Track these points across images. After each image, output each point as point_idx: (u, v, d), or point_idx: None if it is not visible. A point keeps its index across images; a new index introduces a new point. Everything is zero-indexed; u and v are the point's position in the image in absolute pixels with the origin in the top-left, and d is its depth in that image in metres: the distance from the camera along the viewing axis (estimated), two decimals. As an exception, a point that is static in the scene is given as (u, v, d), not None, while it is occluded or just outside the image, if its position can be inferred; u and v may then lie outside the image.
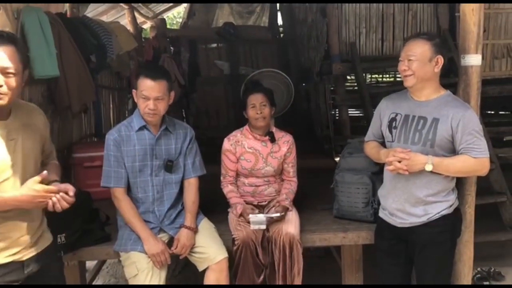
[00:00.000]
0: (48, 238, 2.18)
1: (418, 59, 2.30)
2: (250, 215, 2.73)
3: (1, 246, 1.97)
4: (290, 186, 3.03)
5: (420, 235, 2.41)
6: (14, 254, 2.01)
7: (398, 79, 9.12)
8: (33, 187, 1.88)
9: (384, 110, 2.55)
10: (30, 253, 2.05)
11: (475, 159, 2.27)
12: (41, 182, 1.91)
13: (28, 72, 2.03)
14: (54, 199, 1.91)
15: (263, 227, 2.72)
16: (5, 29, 2.38)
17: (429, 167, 2.27)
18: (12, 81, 1.89)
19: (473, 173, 2.46)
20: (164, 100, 2.57)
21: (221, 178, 3.04)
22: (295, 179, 3.08)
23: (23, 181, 1.97)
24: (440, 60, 2.33)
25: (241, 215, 2.82)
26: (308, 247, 2.97)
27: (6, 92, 1.88)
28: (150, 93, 2.52)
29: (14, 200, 1.89)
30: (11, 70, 1.88)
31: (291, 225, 2.78)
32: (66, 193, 1.94)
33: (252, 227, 2.71)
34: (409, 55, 2.32)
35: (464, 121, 2.27)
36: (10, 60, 1.87)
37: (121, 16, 7.55)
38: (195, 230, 2.66)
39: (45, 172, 1.93)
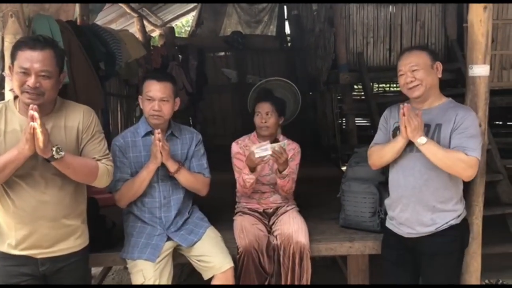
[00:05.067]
0: (76, 245, 2.24)
1: (423, 68, 2.33)
2: (253, 146, 2.73)
3: (17, 239, 2.09)
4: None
5: (428, 246, 2.39)
6: (28, 249, 2.10)
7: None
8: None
9: (388, 119, 2.56)
10: (47, 254, 2.14)
11: (465, 156, 2.23)
12: None
13: (64, 76, 2.14)
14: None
15: (268, 153, 2.67)
16: (17, 36, 2.42)
17: (422, 140, 2.24)
18: (47, 83, 2.01)
19: (458, 169, 2.27)
20: (169, 103, 2.59)
21: (237, 185, 3.00)
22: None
23: (43, 177, 2.07)
24: (439, 66, 2.37)
25: (248, 160, 2.77)
26: (314, 256, 2.96)
27: (42, 92, 2.00)
28: (155, 94, 2.54)
29: (11, 153, 1.95)
30: (46, 74, 1.99)
31: (301, 234, 2.77)
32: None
33: (257, 155, 2.68)
34: (412, 66, 2.34)
35: (464, 121, 2.29)
36: (45, 64, 1.99)
37: (130, 24, 7.60)
38: (177, 168, 2.61)
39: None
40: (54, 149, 1.95)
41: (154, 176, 2.62)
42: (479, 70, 2.58)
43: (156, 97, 2.54)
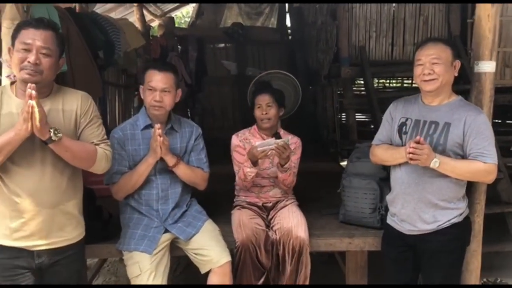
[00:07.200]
0: (73, 237, 2.21)
1: (444, 63, 2.27)
2: (257, 142, 2.72)
3: (12, 227, 2.05)
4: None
5: (429, 243, 2.37)
6: (23, 239, 2.06)
7: (405, 84, 9.08)
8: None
9: (394, 113, 2.50)
10: (42, 246, 2.10)
11: (484, 164, 2.22)
12: None
13: (63, 62, 2.14)
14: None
15: (271, 147, 2.65)
16: (14, 22, 2.38)
17: (435, 163, 2.21)
18: (47, 61, 2.00)
19: (480, 178, 2.37)
20: (171, 94, 2.54)
21: (236, 178, 2.96)
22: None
23: (41, 161, 2.03)
24: (458, 64, 2.32)
25: (251, 154, 2.74)
26: (311, 251, 2.93)
27: (41, 70, 1.98)
28: (157, 84, 2.50)
29: (7, 135, 1.92)
30: (46, 51, 1.99)
31: (301, 229, 2.74)
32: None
33: (260, 148, 2.66)
34: (433, 58, 2.28)
35: (477, 124, 2.24)
36: (47, 42, 2.00)
37: (130, 14, 7.53)
38: (175, 162, 2.58)
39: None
40: (51, 130, 1.92)
41: (152, 170, 2.58)
42: (485, 66, 2.54)
43: (158, 87, 2.50)
